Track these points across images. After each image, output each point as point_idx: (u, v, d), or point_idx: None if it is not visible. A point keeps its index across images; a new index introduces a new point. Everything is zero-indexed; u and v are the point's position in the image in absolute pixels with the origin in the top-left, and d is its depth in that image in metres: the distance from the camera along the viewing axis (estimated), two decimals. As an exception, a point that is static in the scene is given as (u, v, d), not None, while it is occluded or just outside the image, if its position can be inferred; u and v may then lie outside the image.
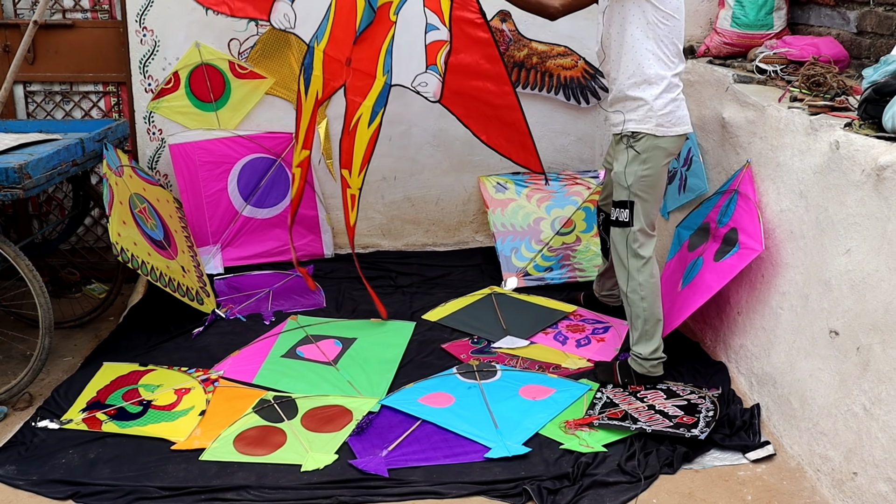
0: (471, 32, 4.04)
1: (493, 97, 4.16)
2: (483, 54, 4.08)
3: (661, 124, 3.41)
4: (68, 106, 4.80)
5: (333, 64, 4.09)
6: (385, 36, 4.04)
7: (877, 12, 3.78)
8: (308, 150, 4.24)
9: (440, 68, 4.11)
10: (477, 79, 4.13)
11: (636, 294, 3.53)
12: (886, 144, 2.75)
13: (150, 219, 4.13)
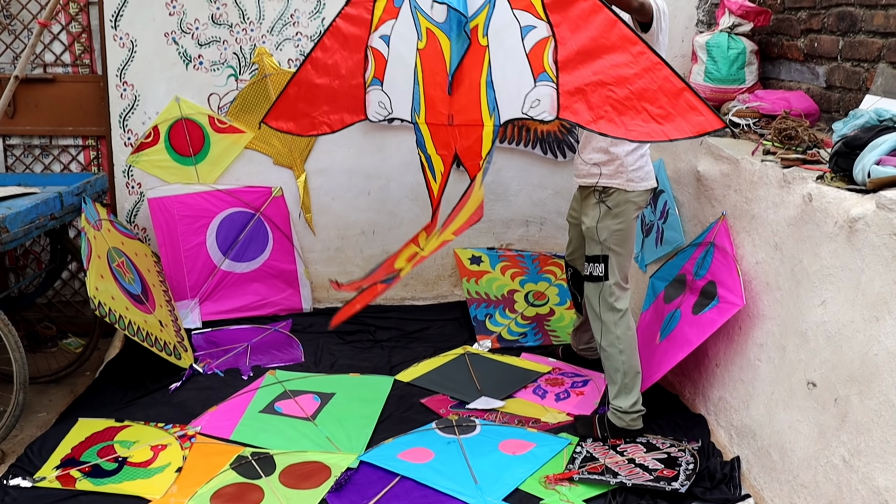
0: (572, 9, 3.21)
1: (625, 67, 3.13)
2: (595, 25, 3.17)
3: (631, 179, 3.52)
4: (48, 159, 4.80)
5: (440, 132, 3.54)
6: (481, 67, 3.39)
7: (844, 67, 3.87)
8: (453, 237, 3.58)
9: (551, 72, 3.27)
10: (597, 58, 3.18)
11: (614, 347, 3.55)
12: (857, 197, 2.79)
13: (127, 273, 4.11)
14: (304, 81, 3.72)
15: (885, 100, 3.30)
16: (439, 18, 3.38)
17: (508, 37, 3.31)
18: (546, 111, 3.29)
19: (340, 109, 3.73)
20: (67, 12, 4.67)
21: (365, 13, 3.56)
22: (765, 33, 4.57)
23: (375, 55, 3.58)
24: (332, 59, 3.66)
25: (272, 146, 4.82)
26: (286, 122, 3.81)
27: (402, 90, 3.58)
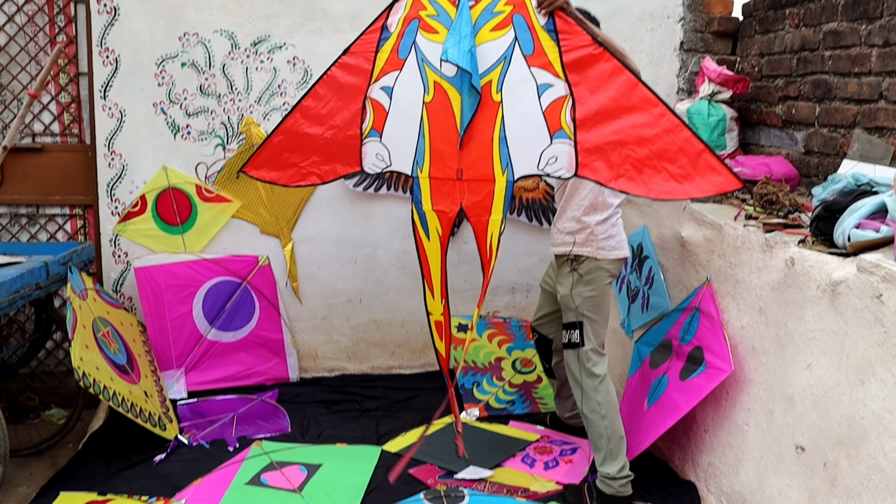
0: (592, 70, 3.25)
1: (646, 129, 3.16)
2: (616, 86, 3.22)
3: (601, 248, 3.61)
4: (34, 228, 4.81)
5: (443, 187, 3.50)
6: (493, 122, 3.38)
7: (822, 133, 3.95)
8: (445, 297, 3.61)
9: (568, 130, 3.28)
10: (617, 118, 3.21)
11: (596, 413, 3.54)
12: (839, 260, 2.82)
13: (113, 343, 4.09)
14: (291, 130, 3.63)
15: (861, 164, 3.36)
16: (449, 73, 3.41)
17: (524, 94, 3.32)
18: (564, 168, 3.30)
19: (333, 160, 3.64)
20: (58, 83, 4.73)
21: (365, 63, 3.54)
22: (744, 100, 4.66)
23: (375, 106, 3.56)
24: (326, 108, 3.60)
25: (259, 215, 4.84)
26: (269, 172, 3.68)
27: (403, 143, 3.55)
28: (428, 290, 3.59)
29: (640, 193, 3.19)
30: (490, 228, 3.41)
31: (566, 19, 3.28)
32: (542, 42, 3.30)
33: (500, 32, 3.36)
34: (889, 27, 3.48)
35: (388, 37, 3.51)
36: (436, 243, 3.54)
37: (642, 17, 4.91)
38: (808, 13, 4.07)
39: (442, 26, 3.45)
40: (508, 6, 3.36)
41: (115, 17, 4.59)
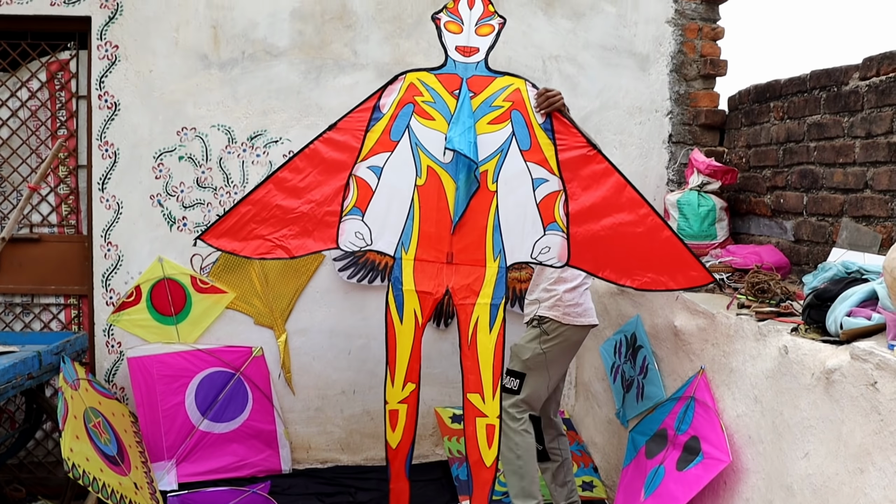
0: (585, 170, 3.59)
1: (632, 227, 3.56)
2: (607, 187, 3.58)
3: (567, 314, 3.82)
4: (28, 317, 4.80)
5: (429, 269, 3.62)
6: (488, 210, 3.60)
7: (810, 222, 4.01)
8: (414, 384, 3.67)
9: (561, 223, 3.59)
10: (607, 216, 3.58)
11: (512, 453, 3.71)
12: (832, 348, 2.83)
13: (104, 433, 4.04)
14: (261, 201, 3.63)
15: (851, 252, 3.40)
16: (444, 159, 3.55)
17: (519, 186, 3.60)
18: (555, 258, 3.62)
19: (305, 235, 3.64)
20: (57, 175, 4.80)
21: (353, 141, 3.61)
22: (733, 190, 4.74)
23: (360, 184, 3.61)
24: (305, 181, 3.62)
25: (253, 306, 4.85)
26: (231, 242, 3.64)
27: (387, 223, 3.63)
28: (389, 376, 3.62)
29: (625, 283, 3.58)
30: (476, 312, 3.55)
31: (563, 120, 3.57)
32: (538, 139, 3.56)
33: (499, 126, 3.57)
34: (870, 119, 3.58)
35: (381, 117, 3.62)
36: (409, 327, 3.60)
37: (631, 111, 5.04)
38: (791, 106, 4.18)
39: (438, 113, 3.60)
40: (507, 102, 3.59)
41: (115, 113, 4.68)
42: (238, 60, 4.76)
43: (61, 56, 4.83)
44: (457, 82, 3.66)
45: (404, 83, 3.66)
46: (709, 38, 5.06)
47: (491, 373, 3.58)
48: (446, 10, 3.67)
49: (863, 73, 3.65)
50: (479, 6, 3.68)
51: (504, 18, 3.73)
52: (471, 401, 3.62)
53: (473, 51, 3.65)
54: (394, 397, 3.64)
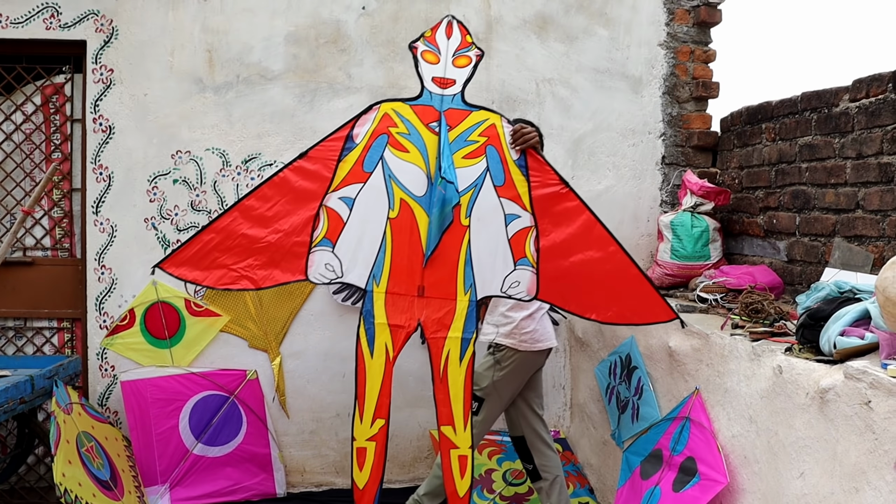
0: (557, 208, 3.61)
1: (600, 264, 3.61)
2: (577, 224, 3.61)
3: (523, 340, 3.94)
4: (21, 341, 4.79)
5: (400, 302, 3.57)
6: (460, 246, 3.58)
7: (803, 242, 4.03)
8: (384, 419, 3.57)
9: (531, 258, 3.60)
10: (576, 253, 3.62)
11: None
12: (826, 368, 2.83)
13: (97, 458, 4.02)
14: (225, 229, 3.51)
15: (843, 272, 3.41)
16: (418, 192, 3.53)
17: (492, 221, 3.59)
18: (524, 292, 3.62)
19: (272, 265, 3.53)
20: (51, 199, 4.80)
21: (325, 170, 3.54)
22: (726, 211, 4.76)
23: (330, 215, 3.55)
24: (272, 210, 3.53)
25: (248, 329, 4.84)
26: (192, 272, 3.52)
27: (358, 255, 3.57)
28: (357, 412, 3.54)
29: (591, 317, 3.65)
30: (447, 345, 3.53)
31: (537, 157, 3.58)
32: (512, 175, 3.57)
33: (473, 161, 3.57)
34: (861, 140, 3.61)
35: (353, 147, 3.56)
36: (380, 361, 3.53)
37: (624, 133, 5.07)
38: (783, 127, 4.21)
39: (412, 145, 3.57)
40: (483, 137, 3.58)
41: (110, 136, 4.69)
42: (233, 84, 4.78)
43: (56, 80, 4.85)
44: (432, 114, 3.60)
45: (379, 113, 3.60)
46: (701, 60, 5.10)
47: (462, 405, 3.56)
48: (424, 40, 3.62)
49: (853, 94, 3.69)
50: (458, 36, 3.62)
51: (482, 51, 3.67)
52: (444, 433, 3.58)
53: (450, 83, 3.60)
54: (362, 434, 3.56)
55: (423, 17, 4.87)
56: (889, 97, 3.47)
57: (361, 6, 4.85)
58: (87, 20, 4.68)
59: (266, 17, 4.80)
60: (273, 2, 4.81)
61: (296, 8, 4.82)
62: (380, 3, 4.86)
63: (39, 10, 4.64)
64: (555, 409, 5.14)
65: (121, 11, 4.70)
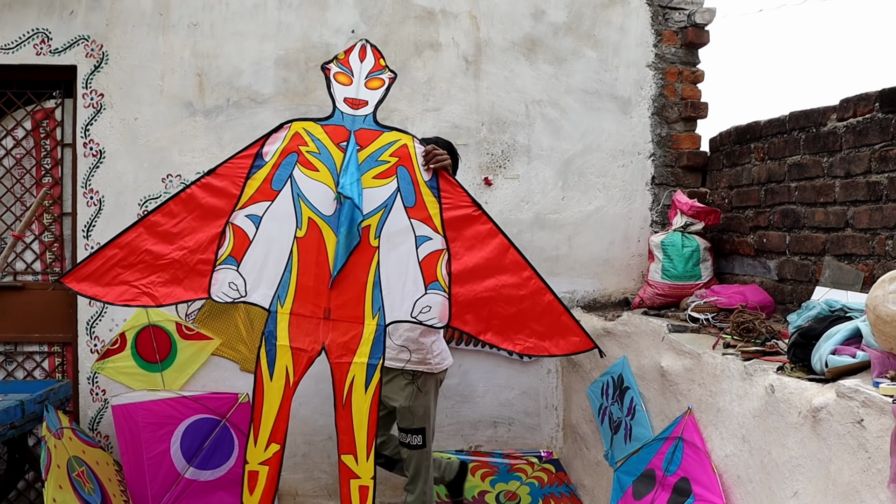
0: (469, 230, 3.57)
1: (514, 290, 3.55)
2: (490, 248, 3.56)
3: (436, 363, 4.05)
4: (11, 366, 4.76)
5: (305, 325, 3.48)
6: (368, 267, 3.50)
7: (793, 261, 4.04)
8: (279, 444, 3.45)
9: (443, 283, 3.53)
10: (489, 277, 3.55)
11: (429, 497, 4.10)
12: (818, 386, 2.83)
13: (87, 483, 3.99)
14: (129, 245, 3.46)
15: (834, 290, 3.43)
16: (326, 211, 3.49)
17: (402, 242, 3.54)
18: (436, 318, 3.55)
19: (174, 283, 3.47)
20: (41, 223, 4.79)
21: (232, 187, 3.51)
22: (716, 231, 4.78)
23: (236, 233, 3.50)
24: (178, 227, 3.49)
25: (239, 352, 4.83)
26: (93, 287, 3.45)
27: (263, 274, 3.51)
28: (252, 435, 3.44)
29: (506, 347, 3.57)
30: (352, 371, 3.44)
31: (449, 179, 3.56)
32: (423, 196, 3.53)
33: (384, 181, 3.53)
34: (849, 159, 3.63)
35: (263, 165, 3.53)
36: (279, 384, 3.44)
37: (614, 154, 5.09)
38: (772, 147, 4.24)
39: (322, 165, 3.54)
40: (394, 157, 3.56)
41: (100, 160, 4.69)
42: (223, 108, 4.80)
43: (47, 104, 4.86)
44: (343, 134, 3.58)
45: (289, 132, 3.57)
46: (689, 81, 5.14)
47: (365, 434, 3.44)
48: (336, 61, 3.61)
49: (840, 114, 3.72)
50: (371, 59, 3.62)
51: (395, 73, 3.67)
52: (345, 462, 3.46)
53: (362, 104, 3.59)
54: (255, 457, 3.44)
55: (413, 41, 4.91)
56: (876, 116, 3.50)
57: (351, 30, 4.88)
58: (77, 45, 4.69)
59: (256, 41, 4.83)
60: (263, 26, 4.83)
61: (285, 32, 4.85)
62: (369, 27, 4.89)
63: (30, 35, 4.66)
64: (547, 430, 5.13)
65: (111, 36, 4.72)
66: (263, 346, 3.45)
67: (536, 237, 5.03)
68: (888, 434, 2.40)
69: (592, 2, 5.07)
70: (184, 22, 4.78)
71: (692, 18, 5.10)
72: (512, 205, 5.01)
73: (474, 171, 4.96)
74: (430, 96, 4.90)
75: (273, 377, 3.44)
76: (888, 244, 3.42)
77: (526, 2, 5.01)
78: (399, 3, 4.92)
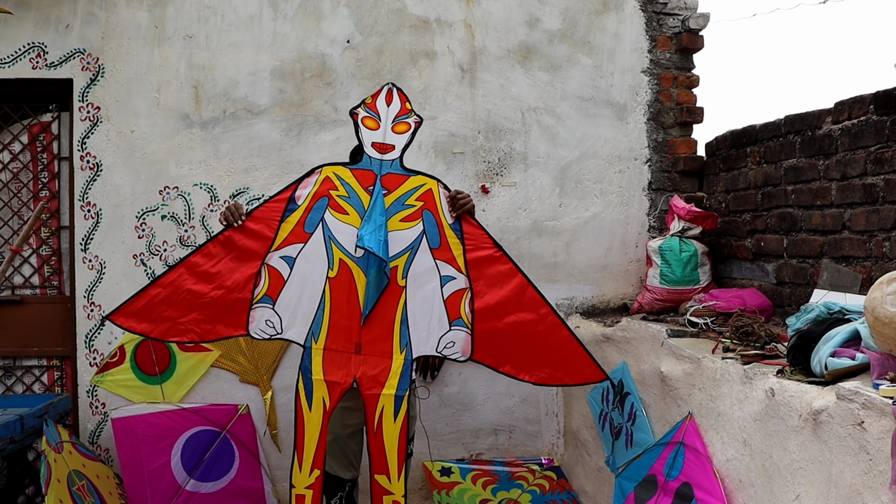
0: (491, 270, 3.76)
1: (533, 326, 3.75)
2: (510, 287, 3.76)
3: None
4: (10, 380, 4.76)
5: (338, 359, 3.66)
6: (396, 305, 3.71)
7: (791, 264, 4.05)
8: (320, 470, 3.63)
9: (466, 319, 3.74)
10: (509, 315, 3.75)
11: None
12: (818, 389, 2.83)
13: (88, 496, 3.98)
14: (173, 284, 3.63)
15: (832, 293, 3.43)
16: (356, 253, 3.67)
17: (428, 282, 3.74)
18: (459, 353, 3.75)
19: (215, 320, 3.65)
20: (39, 237, 4.79)
21: (267, 230, 3.68)
22: (714, 235, 4.79)
23: (271, 273, 3.68)
24: (216, 267, 3.66)
25: (238, 363, 4.82)
26: (140, 324, 3.62)
27: (297, 312, 3.69)
28: (296, 462, 3.62)
29: (523, 377, 3.75)
30: (381, 402, 3.64)
31: (472, 221, 3.76)
32: (448, 239, 3.73)
33: (410, 224, 3.72)
34: (845, 162, 3.64)
35: (295, 209, 3.70)
36: (318, 415, 3.62)
37: (610, 160, 5.10)
38: (767, 151, 4.24)
39: (352, 208, 3.71)
40: (420, 202, 3.74)
41: (97, 173, 4.70)
42: (219, 119, 4.80)
43: (43, 118, 4.87)
44: (371, 178, 3.74)
45: (320, 176, 3.74)
46: (684, 86, 5.15)
47: (396, 456, 3.65)
48: (364, 106, 3.74)
49: (835, 117, 3.72)
50: (397, 103, 3.75)
51: (421, 118, 3.80)
52: (378, 481, 3.65)
53: (389, 148, 3.74)
54: (300, 482, 3.64)
55: (408, 50, 4.92)
56: (871, 119, 3.51)
57: (346, 40, 4.89)
58: (73, 59, 4.70)
59: (251, 52, 4.84)
60: (258, 37, 4.84)
61: (281, 43, 4.85)
62: (364, 37, 4.91)
63: (26, 49, 4.66)
64: (548, 437, 5.13)
65: (107, 50, 4.72)
66: (301, 380, 3.62)
67: (534, 244, 5.03)
68: (889, 436, 2.40)
69: (587, 8, 5.09)
70: (179, 34, 4.79)
71: (686, 24, 5.12)
72: (509, 212, 5.01)
73: (471, 179, 4.96)
74: (427, 105, 4.91)
75: (312, 409, 3.61)
76: (885, 246, 3.43)
77: (520, 9, 5.03)
78: (394, 12, 4.93)
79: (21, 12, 4.66)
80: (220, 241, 3.66)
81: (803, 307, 3.27)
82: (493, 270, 3.76)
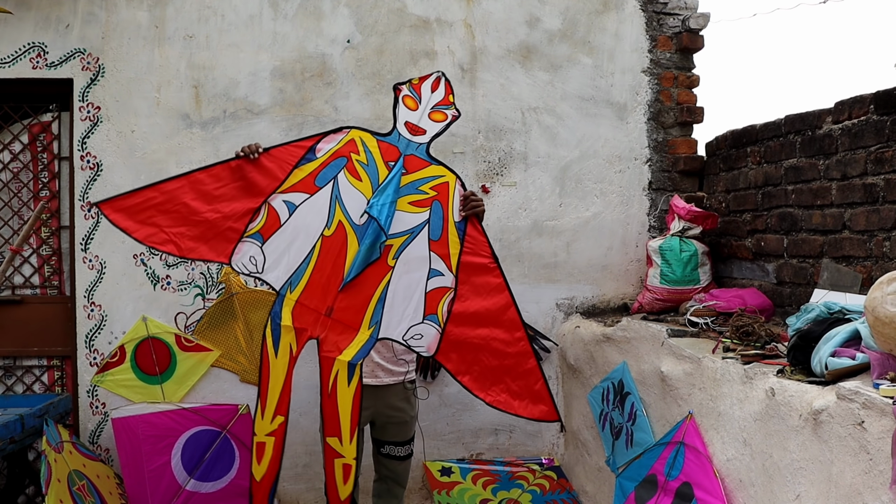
0: (481, 279, 3.77)
1: (503, 345, 3.76)
2: (494, 300, 3.77)
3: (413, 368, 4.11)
4: (10, 380, 4.75)
5: (307, 315, 3.68)
6: (379, 282, 3.70)
7: (791, 264, 4.04)
8: (283, 417, 3.67)
9: (441, 318, 3.73)
10: (484, 327, 3.76)
11: None
12: (818, 389, 2.84)
13: (88, 496, 3.98)
14: (171, 193, 3.65)
15: (832, 293, 3.43)
16: (357, 220, 3.67)
17: (416, 269, 3.74)
18: (424, 347, 3.75)
19: (201, 240, 3.66)
20: (39, 237, 4.79)
21: (279, 171, 3.70)
22: (714, 235, 4.78)
23: (270, 213, 3.69)
24: (220, 191, 3.67)
25: (239, 363, 4.82)
26: (125, 220, 3.62)
27: (282, 259, 3.70)
28: (259, 409, 3.65)
29: (479, 394, 3.77)
30: (336, 366, 3.66)
31: (477, 226, 3.77)
32: (449, 235, 3.73)
33: (418, 209, 3.73)
34: (845, 162, 3.64)
35: (312, 160, 3.72)
36: (283, 360, 3.66)
37: (610, 160, 5.10)
38: (768, 150, 4.24)
39: (367, 176, 3.73)
40: (433, 191, 3.76)
41: (97, 173, 4.69)
42: (220, 119, 4.80)
43: (43, 118, 4.86)
44: (395, 154, 3.77)
45: (346, 137, 3.77)
46: (684, 86, 5.15)
47: (349, 419, 3.66)
48: (409, 85, 3.79)
49: (835, 116, 3.72)
50: (441, 92, 3.80)
51: (459, 112, 3.84)
52: (329, 444, 3.69)
53: (421, 131, 3.78)
54: (262, 430, 3.67)
55: (408, 50, 4.92)
56: (871, 118, 3.51)
57: (346, 40, 4.89)
58: (73, 59, 4.70)
59: (252, 52, 4.83)
60: (258, 37, 4.84)
61: (281, 42, 4.85)
62: (364, 37, 4.91)
63: (26, 49, 4.66)
64: (548, 437, 5.13)
65: (107, 49, 4.72)
66: (269, 326, 3.66)
67: (535, 244, 5.03)
68: (889, 435, 2.40)
69: (587, 8, 5.09)
70: (179, 34, 4.79)
71: (686, 23, 5.12)
72: (510, 212, 5.01)
73: (471, 179, 4.96)
74: (427, 105, 4.90)
75: (278, 354, 3.65)
76: (886, 245, 3.43)
77: (521, 9, 5.03)
78: (394, 12, 4.93)
79: (21, 12, 4.66)
80: (231, 166, 3.67)
81: (803, 307, 3.27)
82: (482, 280, 3.77)
